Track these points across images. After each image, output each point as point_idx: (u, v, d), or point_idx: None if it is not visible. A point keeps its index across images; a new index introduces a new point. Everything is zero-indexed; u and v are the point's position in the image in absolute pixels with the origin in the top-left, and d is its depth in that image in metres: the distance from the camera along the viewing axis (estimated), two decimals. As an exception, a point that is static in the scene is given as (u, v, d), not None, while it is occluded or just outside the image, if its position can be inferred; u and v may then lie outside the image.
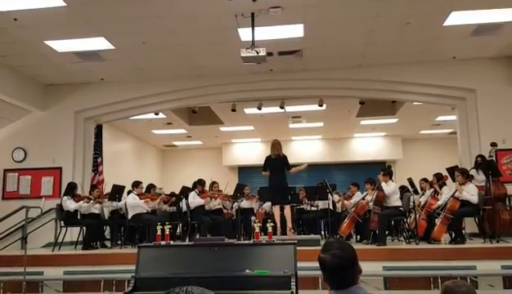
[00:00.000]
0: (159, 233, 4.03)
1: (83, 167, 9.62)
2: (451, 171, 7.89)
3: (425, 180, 8.47)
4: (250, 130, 14.25)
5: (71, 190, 7.98)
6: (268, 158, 7.73)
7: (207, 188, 8.81)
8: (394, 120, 13.14)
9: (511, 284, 5.61)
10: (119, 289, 5.70)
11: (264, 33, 7.03)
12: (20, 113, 9.56)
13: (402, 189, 8.25)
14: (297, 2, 6.41)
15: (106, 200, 8.38)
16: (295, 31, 7.37)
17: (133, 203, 7.90)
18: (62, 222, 7.86)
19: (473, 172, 7.74)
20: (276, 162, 7.60)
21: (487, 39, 7.93)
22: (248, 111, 11.66)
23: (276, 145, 7.74)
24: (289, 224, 7.70)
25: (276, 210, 7.70)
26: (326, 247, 1.98)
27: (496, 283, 5.65)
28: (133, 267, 3.71)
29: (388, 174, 7.58)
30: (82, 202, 7.88)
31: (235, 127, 13.87)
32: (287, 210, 7.68)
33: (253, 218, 8.99)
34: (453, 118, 10.39)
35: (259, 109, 10.26)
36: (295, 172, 7.80)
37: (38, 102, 9.58)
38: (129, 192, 8.29)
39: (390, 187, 7.33)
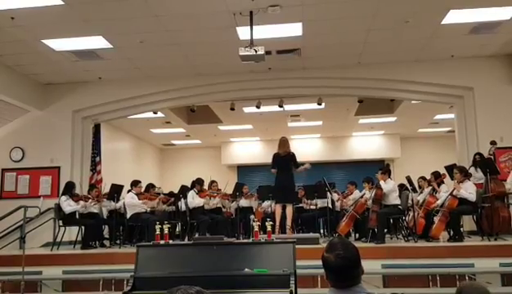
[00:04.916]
0: (157, 232, 4.02)
1: (82, 166, 9.60)
2: (450, 169, 7.90)
3: (423, 178, 8.48)
4: (249, 129, 14.24)
5: (69, 190, 7.96)
6: (276, 156, 7.71)
7: (206, 187, 8.80)
8: (393, 118, 13.15)
9: (509, 281, 5.61)
10: (118, 288, 5.68)
11: (263, 31, 7.02)
12: (17, 113, 9.54)
13: (401, 187, 8.25)
14: (295, 1, 6.41)
15: (105, 200, 8.37)
16: (294, 30, 7.37)
17: (131, 203, 7.89)
18: (60, 222, 7.84)
19: (471, 170, 7.76)
20: (284, 159, 7.59)
21: (485, 37, 7.94)
22: (247, 110, 11.65)
23: (284, 143, 7.75)
24: (288, 222, 7.70)
25: (278, 208, 7.70)
26: (330, 247, 1.97)
27: (494, 281, 5.65)
28: (132, 266, 3.71)
29: (387, 172, 7.59)
30: (79, 206, 7.84)
31: (234, 126, 13.86)
32: (289, 209, 7.68)
33: (252, 217, 8.98)
34: (451, 116, 10.41)
35: (258, 107, 10.25)
36: (301, 171, 7.79)
37: (35, 101, 9.55)
38: (128, 191, 8.29)
39: (389, 185, 7.34)
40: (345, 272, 1.91)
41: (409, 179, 8.89)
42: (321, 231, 9.01)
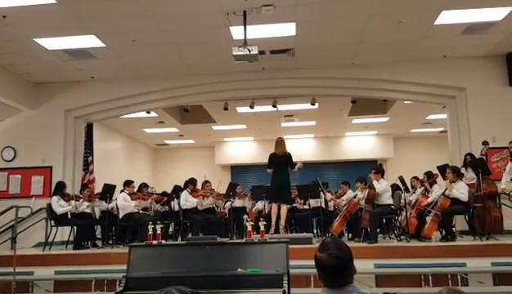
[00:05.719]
0: (150, 232, 4.01)
1: (74, 166, 9.54)
2: (442, 169, 7.94)
3: (416, 178, 8.52)
4: (243, 128, 14.24)
5: (60, 190, 7.91)
6: (273, 156, 7.74)
7: (199, 187, 8.78)
8: (386, 119, 13.21)
9: (501, 281, 5.66)
10: (111, 289, 5.67)
11: (256, 31, 7.02)
12: (9, 112, 9.45)
13: (393, 187, 8.28)
14: (289, 1, 6.41)
15: (97, 199, 8.32)
16: (287, 30, 7.37)
17: (122, 205, 7.84)
18: (52, 222, 7.79)
19: (462, 171, 7.80)
20: (281, 160, 7.63)
21: (478, 38, 7.99)
22: (240, 110, 11.64)
23: (281, 143, 7.82)
24: (282, 222, 7.71)
25: (274, 208, 7.70)
26: (323, 246, 1.97)
27: (486, 280, 5.70)
28: (125, 267, 3.69)
29: (380, 172, 7.62)
30: (70, 207, 7.78)
31: (228, 126, 13.85)
32: (283, 208, 7.70)
33: (245, 217, 8.97)
34: (444, 116, 10.47)
35: (252, 107, 10.25)
36: (299, 168, 7.78)
37: (27, 101, 9.48)
38: (121, 191, 8.24)
39: (381, 185, 7.37)
40: (338, 271, 1.91)
41: (401, 179, 8.93)
42: (315, 231, 9.02)
